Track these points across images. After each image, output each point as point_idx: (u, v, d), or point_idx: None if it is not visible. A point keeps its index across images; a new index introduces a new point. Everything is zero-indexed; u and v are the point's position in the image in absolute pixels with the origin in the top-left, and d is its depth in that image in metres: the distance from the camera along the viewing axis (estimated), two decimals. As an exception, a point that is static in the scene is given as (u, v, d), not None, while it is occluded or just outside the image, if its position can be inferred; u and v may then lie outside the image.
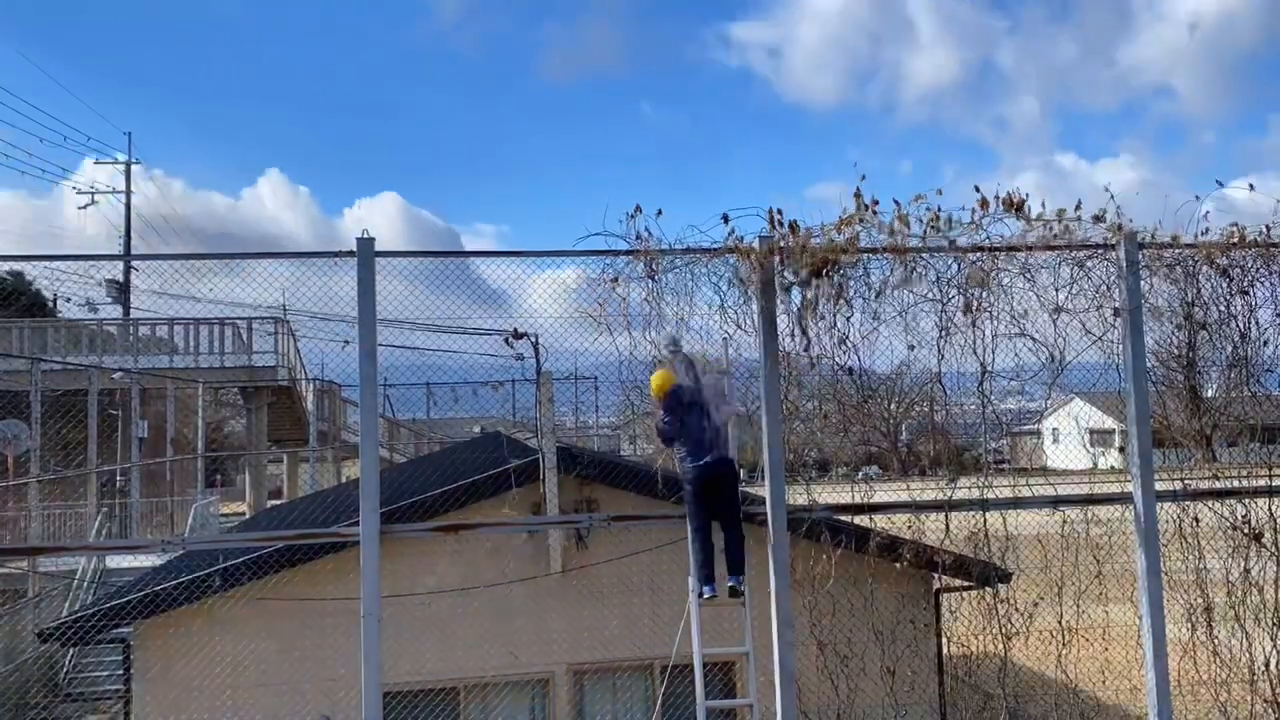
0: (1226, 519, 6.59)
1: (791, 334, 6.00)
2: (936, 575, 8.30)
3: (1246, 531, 6.53)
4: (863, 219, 5.89)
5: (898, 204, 5.91)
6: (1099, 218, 6.08)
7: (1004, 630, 6.44)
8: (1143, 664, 6.14)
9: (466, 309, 6.62)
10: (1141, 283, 6.16)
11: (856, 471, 9.56)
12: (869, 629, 6.81)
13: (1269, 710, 6.63)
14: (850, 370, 6.13)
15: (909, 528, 6.63)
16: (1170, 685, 6.06)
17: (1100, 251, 6.17)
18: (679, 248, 5.89)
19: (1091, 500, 6.40)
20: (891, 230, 5.90)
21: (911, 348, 6.12)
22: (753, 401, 6.32)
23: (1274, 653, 6.60)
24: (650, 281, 5.92)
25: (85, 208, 36.55)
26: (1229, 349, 6.56)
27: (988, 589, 6.59)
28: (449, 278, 6.43)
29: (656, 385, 6.07)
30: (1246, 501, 6.55)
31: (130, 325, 25.15)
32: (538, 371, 7.57)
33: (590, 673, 8.93)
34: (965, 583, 8.08)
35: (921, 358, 6.19)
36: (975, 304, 6.03)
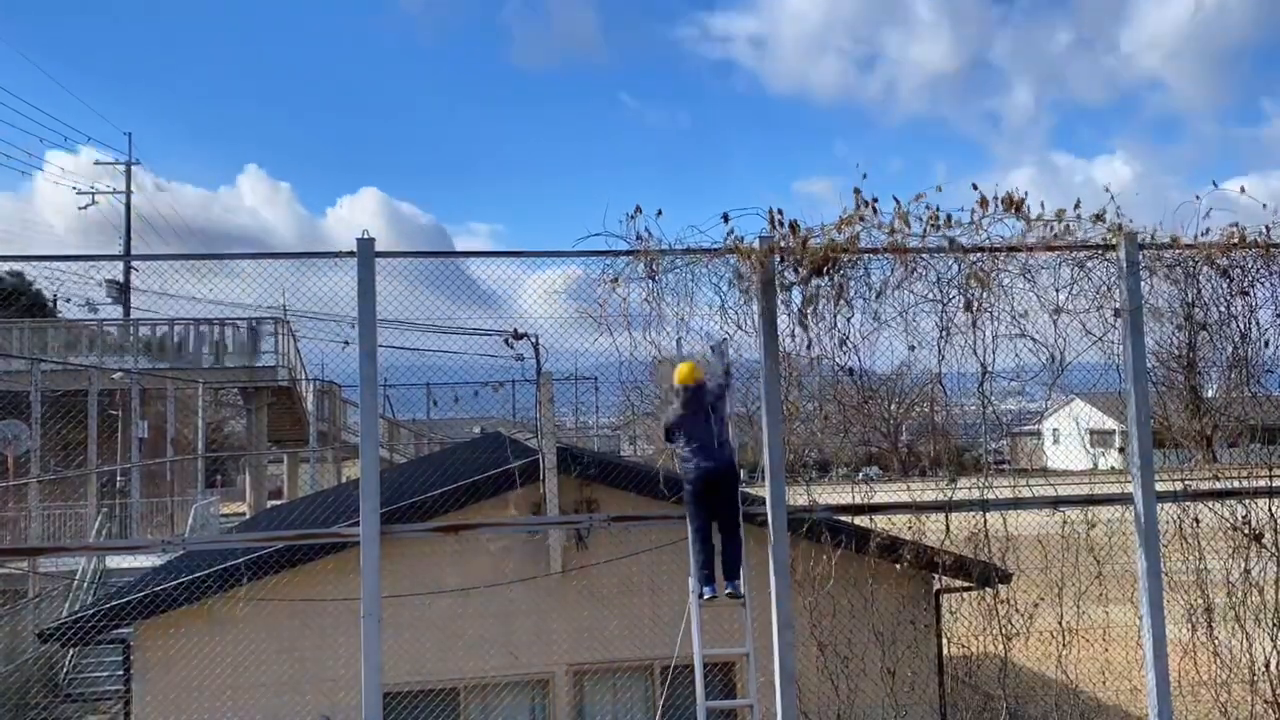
0: (1227, 519, 6.60)
1: (792, 334, 5.99)
2: (937, 576, 8.30)
3: (1247, 532, 6.53)
4: (863, 218, 5.88)
5: (898, 202, 5.90)
6: (1099, 218, 6.08)
7: (1004, 631, 6.43)
8: (1143, 665, 6.13)
9: (461, 309, 6.61)
10: (1142, 283, 6.16)
11: (857, 472, 9.56)
12: (869, 629, 6.81)
13: (1269, 711, 6.63)
14: (851, 370, 6.12)
15: (909, 528, 6.63)
16: (1170, 686, 6.06)
17: (1100, 252, 6.16)
18: (679, 248, 5.88)
19: (1092, 501, 6.39)
20: (892, 229, 5.89)
21: (912, 348, 6.11)
22: (753, 402, 6.31)
23: (1274, 653, 6.61)
24: (650, 282, 5.91)
25: (85, 208, 36.62)
26: (1229, 349, 6.56)
27: (988, 590, 6.58)
28: (441, 278, 6.39)
29: (684, 374, 6.01)
30: (1247, 502, 6.55)
31: (130, 325, 25.15)
32: (538, 372, 7.57)
33: (590, 673, 8.93)
34: (965, 583, 8.07)
35: (922, 358, 6.18)
36: (976, 304, 6.03)
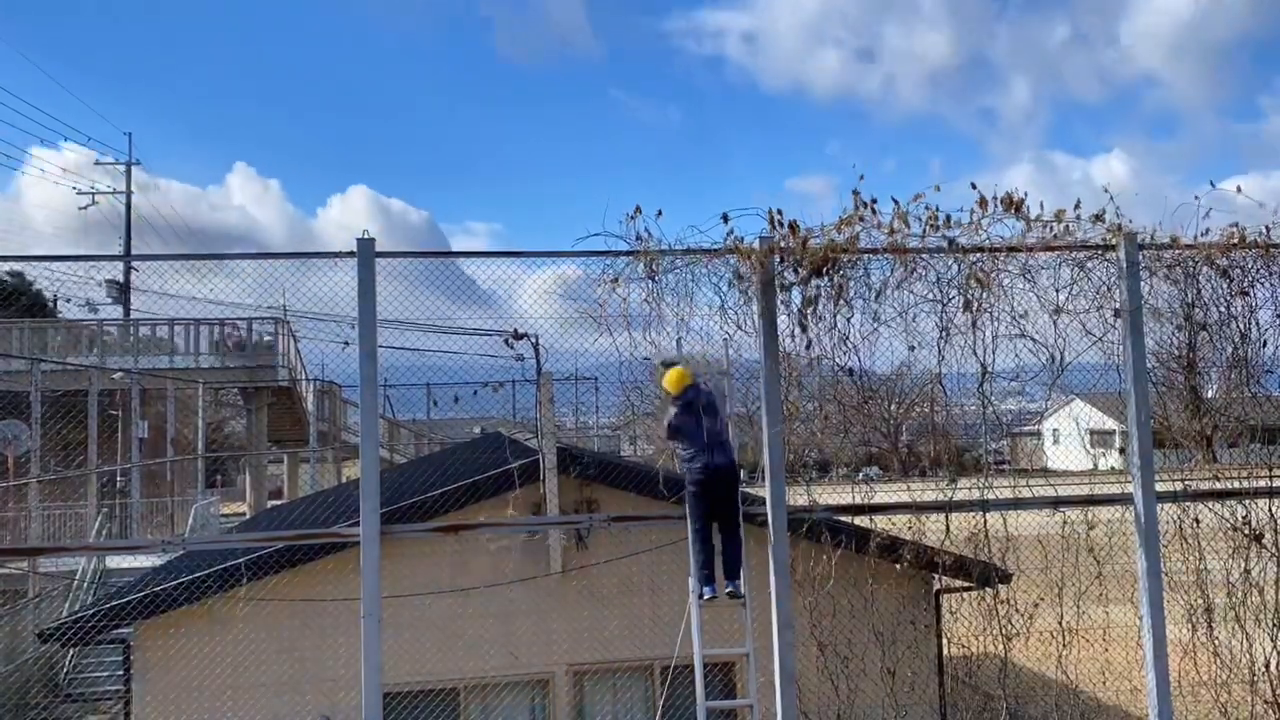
0: (1227, 520, 6.59)
1: (792, 334, 5.99)
2: (937, 576, 8.29)
3: (1247, 532, 6.53)
4: (862, 218, 5.88)
5: (897, 203, 5.90)
6: (1099, 218, 6.07)
7: (1004, 631, 6.43)
8: (1143, 665, 6.13)
9: (460, 309, 6.60)
10: (1142, 283, 6.16)
11: (857, 472, 9.55)
12: (869, 630, 6.80)
13: (1269, 711, 6.63)
14: (850, 371, 6.12)
15: (909, 528, 6.63)
16: (1170, 686, 6.05)
17: (1100, 252, 6.16)
18: (679, 248, 5.88)
19: (1092, 501, 6.39)
20: (891, 230, 5.89)
21: (912, 348, 6.11)
22: (753, 402, 6.31)
23: (1274, 653, 6.60)
24: (650, 282, 5.91)
25: (86, 208, 36.62)
26: (1229, 350, 6.55)
27: (988, 590, 6.58)
28: (439, 278, 6.38)
29: (674, 380, 6.04)
30: (1247, 502, 6.55)
31: (130, 325, 25.16)
32: (538, 372, 7.58)
33: (590, 673, 8.93)
34: (965, 583, 8.07)
35: (922, 358, 6.18)
36: (975, 304, 6.02)
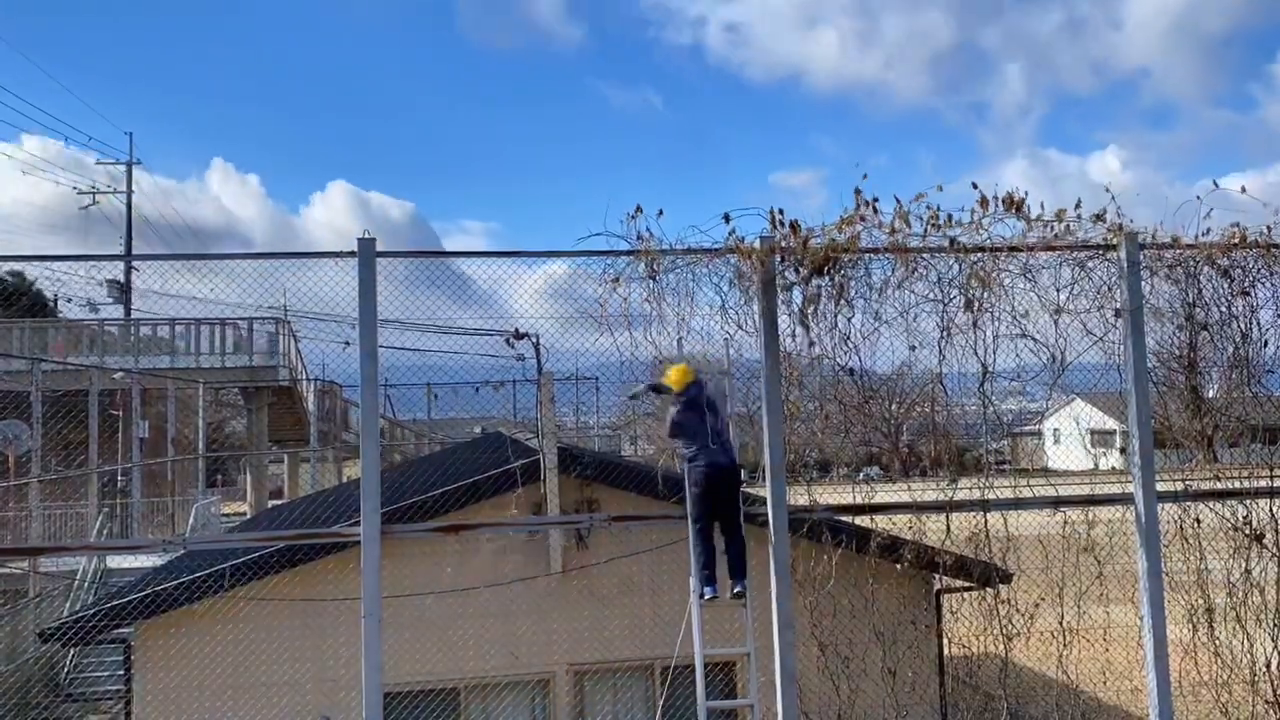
0: (1228, 520, 6.59)
1: (793, 334, 5.99)
2: (937, 576, 8.29)
3: (1248, 532, 6.53)
4: (863, 218, 5.88)
5: (898, 202, 5.90)
6: (1099, 218, 6.07)
7: (1005, 631, 6.43)
8: (1144, 665, 6.13)
9: (459, 309, 6.59)
10: (1142, 283, 6.15)
11: (857, 472, 9.55)
12: (870, 629, 6.80)
13: (1270, 711, 6.62)
14: (851, 370, 6.12)
15: (910, 528, 6.63)
16: (1171, 686, 6.05)
17: (1101, 252, 6.16)
18: (680, 248, 5.88)
19: (1093, 501, 6.39)
20: (892, 229, 5.89)
21: (913, 348, 6.12)
22: (753, 402, 6.31)
23: (1275, 653, 6.60)
24: (651, 281, 5.91)
25: (87, 207, 36.63)
26: (1230, 350, 6.55)
27: (989, 590, 6.58)
28: (437, 278, 6.37)
29: (676, 378, 6.05)
30: (1248, 502, 6.55)
31: (131, 325, 25.17)
32: (539, 372, 7.58)
33: (591, 673, 8.93)
34: (966, 583, 8.06)
35: (923, 358, 6.18)
36: (976, 304, 6.02)
